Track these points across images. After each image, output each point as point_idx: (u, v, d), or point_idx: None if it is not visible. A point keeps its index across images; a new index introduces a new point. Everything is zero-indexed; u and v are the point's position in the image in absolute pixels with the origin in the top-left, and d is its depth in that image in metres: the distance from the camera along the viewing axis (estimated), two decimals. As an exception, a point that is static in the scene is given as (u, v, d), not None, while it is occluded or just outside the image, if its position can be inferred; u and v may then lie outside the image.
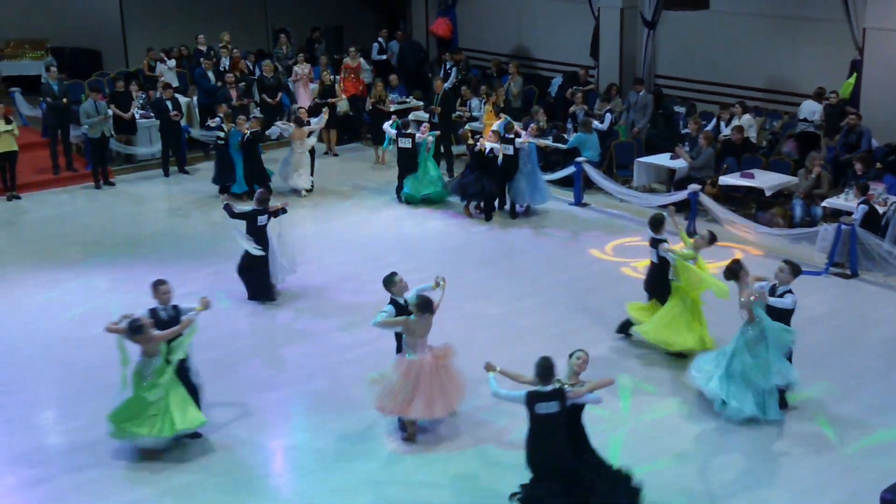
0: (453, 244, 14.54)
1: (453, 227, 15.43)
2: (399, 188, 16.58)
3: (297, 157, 16.78)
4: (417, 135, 16.11)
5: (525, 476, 7.92)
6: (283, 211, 12.56)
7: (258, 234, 12.20)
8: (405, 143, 16.21)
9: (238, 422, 9.59)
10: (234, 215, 12.37)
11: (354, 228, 15.42)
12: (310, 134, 16.93)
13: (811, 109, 16.49)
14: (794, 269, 9.53)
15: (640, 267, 12.58)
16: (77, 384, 10.42)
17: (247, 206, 12.95)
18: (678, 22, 19.41)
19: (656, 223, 10.76)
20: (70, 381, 10.51)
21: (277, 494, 8.63)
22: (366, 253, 14.11)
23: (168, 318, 9.20)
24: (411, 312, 9.01)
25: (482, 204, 15.75)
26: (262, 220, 12.23)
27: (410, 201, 16.40)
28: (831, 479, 8.59)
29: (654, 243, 10.71)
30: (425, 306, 8.91)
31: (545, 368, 7.70)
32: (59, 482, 8.65)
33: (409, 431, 9.26)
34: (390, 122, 17.03)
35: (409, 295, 9.26)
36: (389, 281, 9.39)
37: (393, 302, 9.31)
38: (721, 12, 18.28)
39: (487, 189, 15.55)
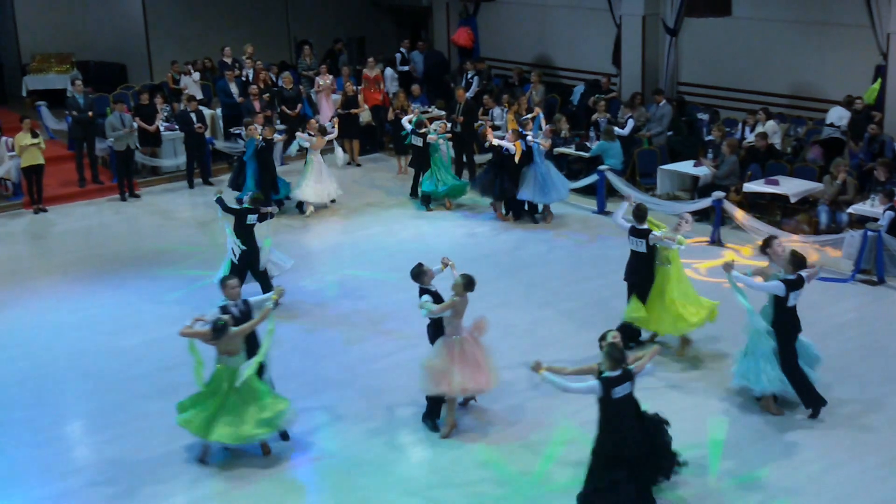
0: (478, 253, 14.51)
1: (478, 236, 15.42)
2: (413, 188, 16.84)
3: (316, 168, 16.50)
4: (430, 136, 16.45)
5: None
6: (271, 215, 12.84)
7: (245, 233, 12.43)
8: (417, 142, 16.71)
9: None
10: (225, 209, 12.56)
11: (378, 238, 15.45)
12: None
13: (839, 115, 16.38)
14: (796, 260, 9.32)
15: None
16: (105, 396, 10.50)
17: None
18: (701, 29, 19.37)
19: (641, 214, 10.81)
20: (98, 394, 10.59)
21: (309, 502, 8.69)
22: (390, 263, 14.12)
23: (240, 314, 9.30)
24: (438, 299, 9.42)
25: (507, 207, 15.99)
26: (251, 219, 12.45)
27: (429, 199, 16.65)
28: (861, 488, 8.52)
29: (641, 233, 10.74)
30: (470, 284, 9.27)
31: (619, 352, 7.79)
32: (87, 494, 8.70)
33: (448, 425, 9.49)
34: (410, 116, 17.34)
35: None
36: (419, 272, 9.63)
37: (425, 291, 9.53)
38: (743, 18, 18.22)
39: (507, 190, 15.70)
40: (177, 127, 18.50)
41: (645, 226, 10.84)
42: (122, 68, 24.10)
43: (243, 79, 20.14)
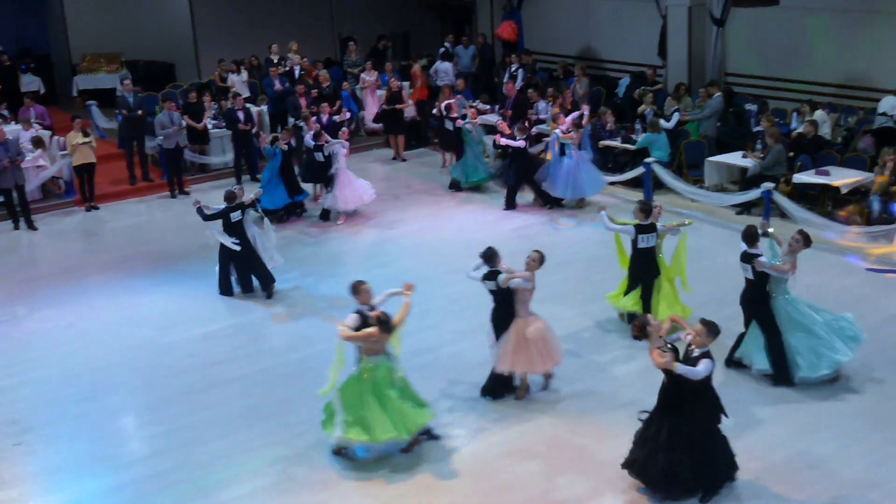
0: (525, 246, 14.41)
1: (525, 230, 15.37)
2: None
3: (343, 176, 16.04)
4: (459, 121, 16.88)
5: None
6: (258, 201, 13.28)
7: (235, 231, 12.71)
8: (448, 126, 17.28)
9: (308, 426, 9.68)
10: (206, 218, 12.84)
11: (423, 233, 15.49)
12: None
13: (891, 104, 16.10)
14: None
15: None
16: (156, 391, 10.65)
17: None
18: (748, 19, 19.14)
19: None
20: (149, 388, 10.74)
21: (352, 498, 8.71)
22: (434, 258, 14.17)
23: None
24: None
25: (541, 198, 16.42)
26: (234, 216, 12.71)
27: (455, 187, 17.20)
28: None
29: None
30: (543, 259, 9.78)
31: None
32: (139, 487, 8.83)
33: (522, 388, 9.99)
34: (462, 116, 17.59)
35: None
36: (492, 254, 9.78)
37: (493, 274, 9.71)
38: (791, 8, 17.97)
39: (517, 179, 16.27)
40: (224, 125, 18.69)
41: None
42: (171, 67, 24.40)
43: (290, 70, 20.27)
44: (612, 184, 16.88)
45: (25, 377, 11.07)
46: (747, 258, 9.92)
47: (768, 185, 14.52)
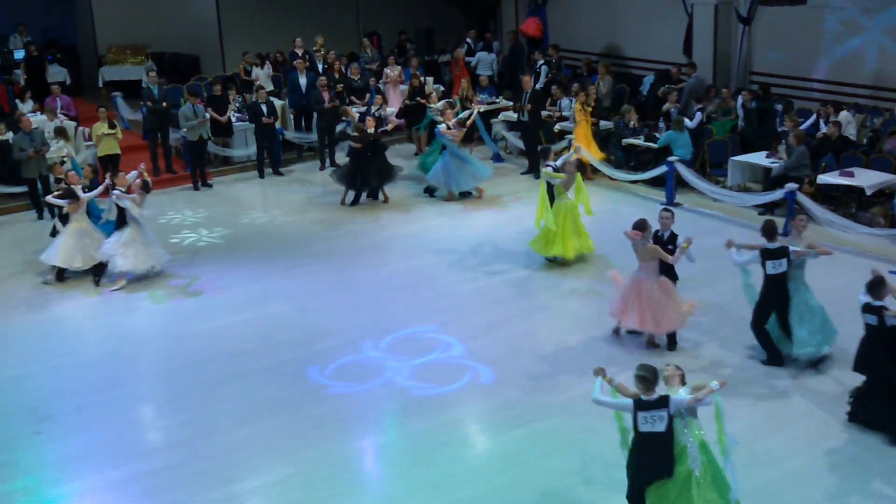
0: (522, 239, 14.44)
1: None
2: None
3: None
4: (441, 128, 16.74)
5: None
6: (113, 186, 13.40)
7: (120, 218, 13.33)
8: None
9: (330, 418, 9.74)
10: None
11: (442, 230, 15.51)
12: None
13: (919, 105, 15.97)
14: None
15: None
16: (175, 381, 10.72)
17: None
18: (775, 17, 19.00)
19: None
20: (170, 379, 10.81)
21: (370, 490, 8.73)
22: (451, 253, 14.19)
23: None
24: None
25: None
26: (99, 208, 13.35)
27: (429, 191, 17.24)
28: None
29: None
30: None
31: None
32: (158, 477, 8.88)
33: (648, 339, 10.94)
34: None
35: None
36: (644, 224, 10.58)
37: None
38: (819, 7, 17.83)
39: (362, 179, 16.56)
40: (247, 118, 18.76)
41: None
42: (196, 59, 24.49)
43: (318, 64, 20.35)
44: (635, 182, 16.82)
45: (46, 365, 11.17)
46: (781, 254, 10.06)
47: (792, 185, 14.41)
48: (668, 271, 10.79)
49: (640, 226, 10.50)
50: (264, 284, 13.37)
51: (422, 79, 20.05)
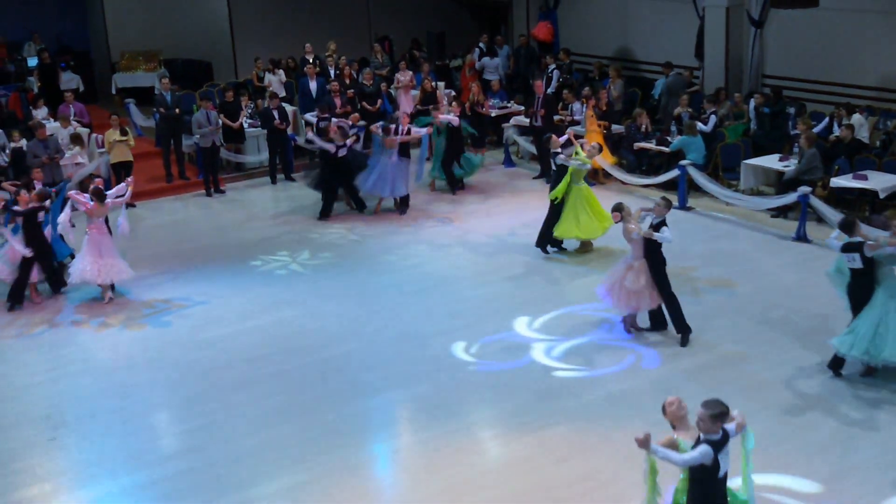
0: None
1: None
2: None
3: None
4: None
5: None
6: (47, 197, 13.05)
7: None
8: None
9: (344, 423, 9.75)
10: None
11: (459, 232, 15.52)
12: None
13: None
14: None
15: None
16: (189, 387, 10.74)
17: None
18: (787, 20, 18.95)
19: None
20: (184, 385, 10.83)
21: (384, 495, 8.74)
22: (466, 258, 14.19)
23: None
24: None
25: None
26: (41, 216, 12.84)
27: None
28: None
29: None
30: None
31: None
32: (173, 482, 8.90)
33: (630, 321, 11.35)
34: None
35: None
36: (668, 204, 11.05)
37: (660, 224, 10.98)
38: (832, 9, 17.76)
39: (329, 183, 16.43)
40: (259, 124, 18.81)
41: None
42: (208, 66, 24.59)
43: (330, 70, 20.40)
44: (646, 186, 16.80)
45: (60, 372, 11.21)
46: (854, 247, 9.82)
47: (805, 188, 14.37)
48: (653, 255, 10.94)
49: (617, 208, 11.07)
50: (275, 290, 13.41)
51: (433, 84, 20.07)
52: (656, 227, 10.86)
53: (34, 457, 9.43)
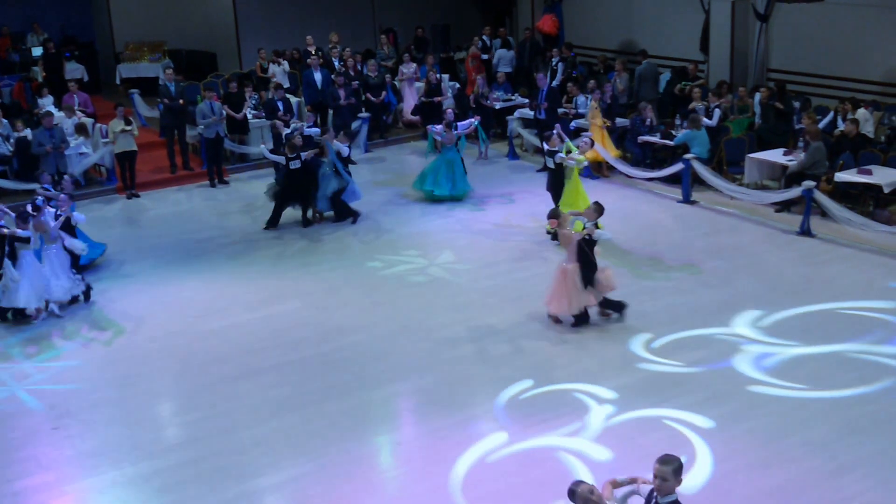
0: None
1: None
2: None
3: None
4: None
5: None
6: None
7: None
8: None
9: (347, 415, 9.76)
10: None
11: (467, 223, 15.52)
12: None
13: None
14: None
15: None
16: (193, 377, 10.76)
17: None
18: (792, 14, 18.92)
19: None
20: (187, 375, 10.85)
21: (386, 488, 8.76)
22: (469, 251, 14.20)
23: None
24: None
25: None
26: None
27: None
28: None
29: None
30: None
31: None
32: (176, 473, 8.91)
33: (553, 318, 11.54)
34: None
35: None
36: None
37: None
38: (837, 4, 17.75)
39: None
40: (263, 115, 18.80)
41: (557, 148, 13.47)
42: (213, 57, 24.59)
43: (334, 61, 20.41)
44: (651, 180, 16.78)
45: (63, 361, 11.23)
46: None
47: (809, 183, 14.36)
48: (584, 258, 11.12)
49: (553, 215, 11.64)
50: (278, 281, 13.43)
51: (437, 76, 20.07)
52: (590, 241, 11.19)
53: (38, 446, 9.45)
